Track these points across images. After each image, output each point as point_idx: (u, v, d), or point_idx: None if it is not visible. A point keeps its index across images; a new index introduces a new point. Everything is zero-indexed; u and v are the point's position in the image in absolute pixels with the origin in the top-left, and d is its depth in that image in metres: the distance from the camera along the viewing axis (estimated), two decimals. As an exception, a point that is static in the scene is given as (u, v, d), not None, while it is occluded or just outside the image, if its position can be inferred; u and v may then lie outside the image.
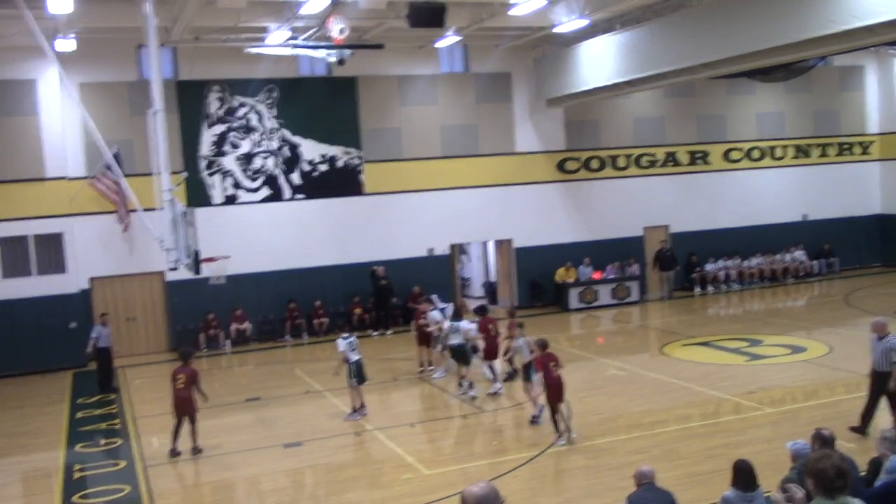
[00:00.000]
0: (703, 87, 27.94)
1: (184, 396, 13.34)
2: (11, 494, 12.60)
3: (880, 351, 12.20)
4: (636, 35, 20.85)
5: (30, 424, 16.41)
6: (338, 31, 17.46)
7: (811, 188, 29.97)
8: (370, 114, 24.71)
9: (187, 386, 13.34)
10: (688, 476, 11.06)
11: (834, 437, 8.03)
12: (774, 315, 23.49)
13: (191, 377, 13.40)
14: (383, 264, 24.27)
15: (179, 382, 13.35)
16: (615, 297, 26.39)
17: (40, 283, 21.27)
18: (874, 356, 12.33)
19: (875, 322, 12.45)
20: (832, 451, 5.84)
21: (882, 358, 12.17)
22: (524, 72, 26.15)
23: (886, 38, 17.08)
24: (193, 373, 13.50)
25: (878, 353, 12.25)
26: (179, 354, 13.98)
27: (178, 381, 13.37)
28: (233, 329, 22.99)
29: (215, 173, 23.28)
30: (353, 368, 14.86)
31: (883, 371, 12.14)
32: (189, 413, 13.42)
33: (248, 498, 11.92)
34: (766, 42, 17.41)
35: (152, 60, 15.46)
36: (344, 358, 14.86)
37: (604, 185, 27.28)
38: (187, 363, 13.62)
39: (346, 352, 14.91)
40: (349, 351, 14.92)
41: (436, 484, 11.47)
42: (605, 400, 15.49)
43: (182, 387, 13.32)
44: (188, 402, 13.37)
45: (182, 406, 13.38)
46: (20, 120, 21.14)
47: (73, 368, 20.79)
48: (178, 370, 13.53)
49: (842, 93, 30.59)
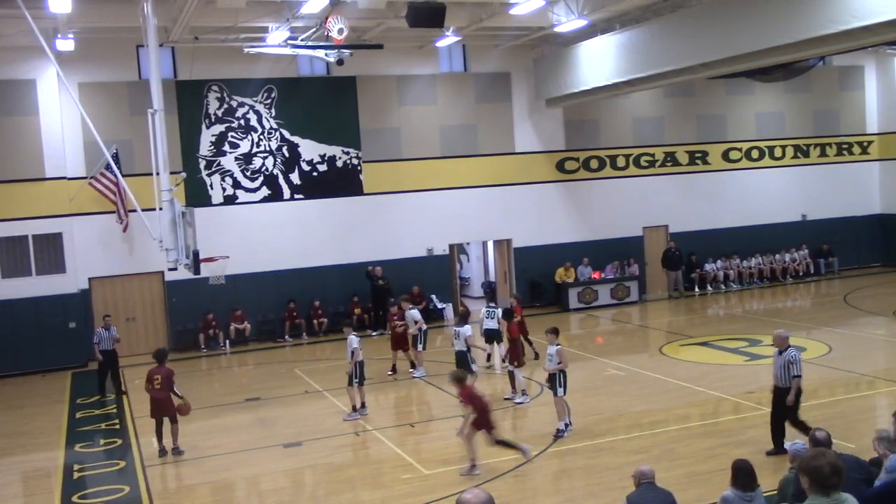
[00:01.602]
0: (703, 87, 27.95)
1: (161, 397, 13.53)
2: (11, 494, 12.60)
3: (779, 365, 11.58)
4: (636, 35, 20.85)
5: (30, 424, 16.41)
6: (337, 31, 17.46)
7: (810, 188, 29.98)
8: (369, 114, 24.71)
9: (164, 387, 13.51)
10: (688, 476, 11.06)
11: (829, 439, 8.03)
12: (774, 315, 23.49)
13: (167, 378, 13.56)
14: (383, 264, 24.28)
15: (156, 383, 13.54)
16: (614, 296, 26.40)
17: (40, 283, 21.28)
18: (774, 370, 11.72)
19: (776, 335, 11.80)
20: (826, 449, 5.86)
21: (781, 372, 11.54)
22: (523, 72, 26.15)
23: (886, 38, 17.11)
24: (169, 373, 13.65)
25: (777, 367, 11.65)
26: (154, 355, 14.12)
27: (155, 381, 13.55)
28: (232, 329, 23.00)
29: (214, 173, 23.28)
30: (358, 368, 14.87)
31: (783, 387, 11.50)
32: (168, 413, 13.57)
33: (248, 498, 11.92)
34: (765, 42, 17.41)
35: (152, 60, 15.46)
36: (357, 355, 14.83)
37: (603, 185, 27.28)
38: (162, 364, 13.77)
39: (359, 349, 14.91)
40: (360, 349, 14.93)
41: (436, 484, 11.47)
42: (605, 400, 15.50)
43: (159, 387, 13.52)
44: (166, 402, 13.53)
45: (160, 407, 13.56)
46: (20, 120, 21.14)
47: (73, 368, 20.80)
48: (153, 371, 13.67)
49: (841, 93, 30.60)
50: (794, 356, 11.49)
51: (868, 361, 17.54)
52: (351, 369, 14.93)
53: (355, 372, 14.85)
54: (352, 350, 14.97)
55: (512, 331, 15.75)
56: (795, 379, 11.43)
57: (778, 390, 11.64)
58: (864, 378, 16.10)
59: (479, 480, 11.30)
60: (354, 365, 14.82)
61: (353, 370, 14.83)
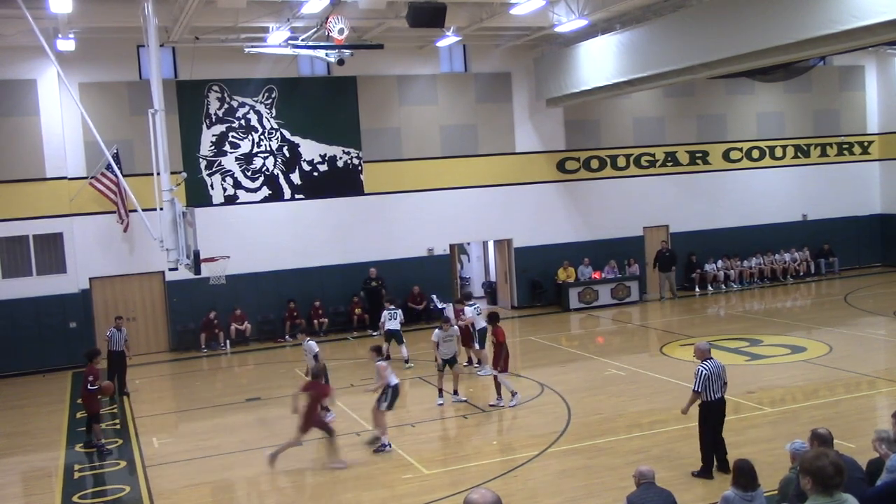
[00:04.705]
0: (703, 87, 27.95)
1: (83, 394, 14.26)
2: (11, 494, 12.60)
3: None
4: (636, 35, 20.85)
5: (30, 424, 16.42)
6: (338, 31, 17.46)
7: (811, 188, 29.98)
8: (370, 114, 24.71)
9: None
10: (688, 476, 11.06)
11: (832, 437, 8.03)
12: (774, 315, 23.49)
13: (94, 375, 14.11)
14: (383, 264, 24.29)
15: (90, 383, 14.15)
16: (615, 296, 26.40)
17: (40, 283, 21.29)
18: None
19: (696, 347, 11.36)
20: (828, 449, 5.87)
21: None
22: (524, 72, 26.15)
23: (886, 38, 17.09)
24: (96, 372, 14.19)
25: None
26: (86, 354, 14.66)
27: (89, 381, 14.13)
28: (232, 329, 23.00)
29: (215, 173, 23.29)
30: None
31: (709, 401, 10.94)
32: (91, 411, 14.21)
33: (248, 498, 11.92)
34: (766, 42, 17.40)
35: (152, 60, 15.45)
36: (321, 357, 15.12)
37: (604, 185, 27.28)
38: (94, 362, 14.27)
39: (319, 351, 15.23)
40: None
41: (436, 484, 11.48)
42: (605, 400, 15.49)
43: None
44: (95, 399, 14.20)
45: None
46: (20, 120, 21.14)
47: (73, 368, 20.78)
48: (89, 370, 14.16)
49: (842, 92, 30.60)
50: (697, 370, 10.95)
51: (868, 361, 17.55)
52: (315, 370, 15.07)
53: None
54: (314, 354, 15.10)
55: (497, 335, 15.43)
56: (693, 393, 11.01)
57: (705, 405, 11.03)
58: (865, 378, 16.09)
59: (479, 480, 11.30)
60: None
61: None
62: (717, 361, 11.10)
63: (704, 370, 10.87)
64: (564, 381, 16.85)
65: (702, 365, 10.94)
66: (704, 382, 10.83)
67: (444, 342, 15.79)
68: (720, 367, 11.05)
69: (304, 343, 15.66)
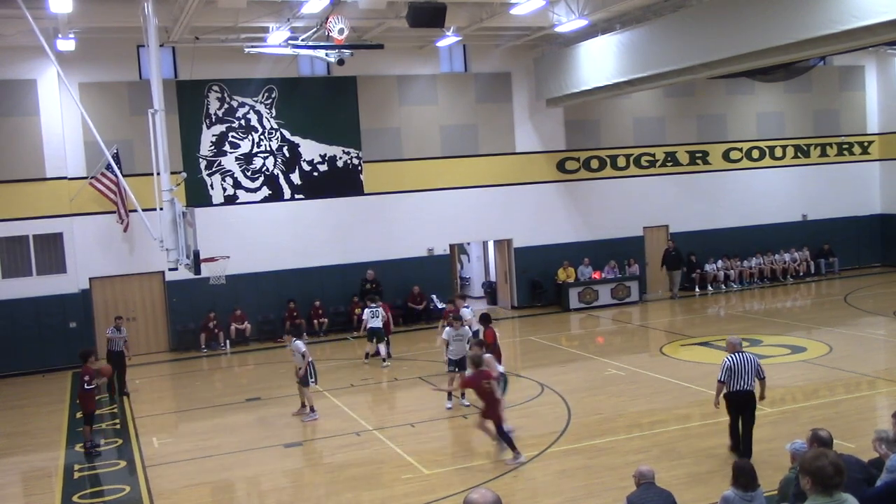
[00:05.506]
0: (703, 87, 27.95)
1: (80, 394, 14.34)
2: (11, 494, 12.60)
3: None
4: (636, 35, 20.85)
5: (30, 424, 16.42)
6: (338, 31, 17.46)
7: (811, 188, 29.98)
8: (370, 114, 24.71)
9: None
10: (688, 476, 11.07)
11: (831, 438, 8.03)
12: (774, 315, 23.49)
13: (90, 375, 14.14)
14: (383, 264, 24.30)
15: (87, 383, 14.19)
16: (615, 297, 26.40)
17: (40, 283, 21.29)
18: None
19: (727, 340, 11.95)
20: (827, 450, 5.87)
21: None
22: (524, 72, 26.15)
23: (886, 38, 17.09)
24: (91, 372, 14.21)
25: None
26: (80, 355, 14.65)
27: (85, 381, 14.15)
28: (233, 329, 23.00)
29: (215, 173, 23.29)
30: (311, 368, 15.24)
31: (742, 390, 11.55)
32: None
33: (248, 498, 11.93)
34: (766, 42, 17.40)
35: (152, 60, 15.45)
36: (308, 356, 15.19)
37: (604, 184, 27.29)
38: (88, 362, 14.28)
39: (307, 351, 15.32)
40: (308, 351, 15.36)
41: (436, 484, 11.47)
42: (605, 400, 15.49)
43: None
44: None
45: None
46: (20, 120, 21.14)
47: (72, 368, 20.76)
48: (84, 371, 14.19)
49: (842, 92, 30.60)
50: (722, 361, 11.56)
51: (868, 361, 17.54)
52: (304, 372, 15.06)
53: (310, 372, 15.06)
54: (302, 353, 15.10)
55: (487, 336, 15.37)
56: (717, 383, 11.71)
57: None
58: (865, 378, 16.10)
59: (479, 480, 11.30)
60: (308, 366, 15.00)
61: (308, 370, 14.99)
62: (748, 355, 11.54)
63: (728, 361, 11.42)
64: (564, 382, 16.86)
65: (728, 356, 11.51)
66: (727, 373, 11.40)
67: (453, 340, 15.52)
68: (750, 360, 11.46)
69: (290, 343, 15.68)
